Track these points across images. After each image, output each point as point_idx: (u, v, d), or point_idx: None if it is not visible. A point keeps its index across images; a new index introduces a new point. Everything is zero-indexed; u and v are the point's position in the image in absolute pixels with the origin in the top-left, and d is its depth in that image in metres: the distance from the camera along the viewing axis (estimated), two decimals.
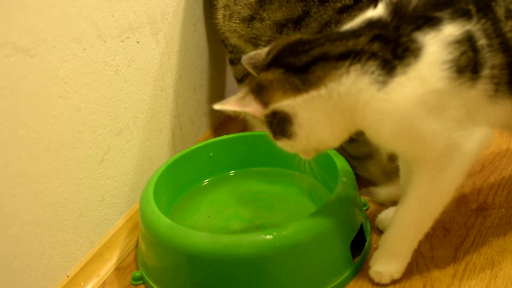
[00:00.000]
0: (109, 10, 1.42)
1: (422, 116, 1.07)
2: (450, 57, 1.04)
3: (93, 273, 1.46)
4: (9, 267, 1.21)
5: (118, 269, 1.50)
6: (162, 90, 1.74)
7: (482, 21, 1.07)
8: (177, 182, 1.62)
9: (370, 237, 1.45)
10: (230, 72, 2.10)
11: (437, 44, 1.05)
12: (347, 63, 1.08)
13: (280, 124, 1.16)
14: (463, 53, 1.05)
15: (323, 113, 1.13)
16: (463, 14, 1.07)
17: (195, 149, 1.66)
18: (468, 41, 1.05)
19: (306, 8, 1.50)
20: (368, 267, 1.33)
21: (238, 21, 1.64)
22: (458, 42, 1.05)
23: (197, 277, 1.28)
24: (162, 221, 1.33)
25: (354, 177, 1.43)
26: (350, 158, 1.55)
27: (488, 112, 1.11)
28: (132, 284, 1.43)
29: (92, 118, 1.41)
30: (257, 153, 1.70)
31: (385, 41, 1.07)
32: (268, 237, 1.22)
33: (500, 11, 1.07)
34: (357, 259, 1.36)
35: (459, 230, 1.45)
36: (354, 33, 1.11)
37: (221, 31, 1.77)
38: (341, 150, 1.50)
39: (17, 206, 1.21)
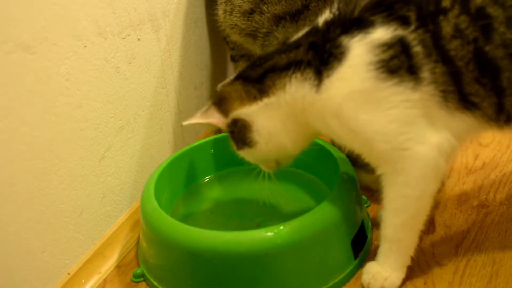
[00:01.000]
0: (109, 7, 1.42)
1: (353, 114, 1.11)
2: (377, 58, 1.06)
3: (94, 271, 1.46)
4: (10, 264, 1.21)
5: (119, 266, 1.50)
6: (163, 87, 1.74)
7: (420, 31, 1.05)
8: (178, 179, 1.62)
9: (371, 234, 1.45)
10: (231, 69, 2.10)
11: (363, 47, 1.07)
12: (289, 73, 1.17)
13: (241, 132, 1.25)
14: (393, 56, 1.06)
15: (278, 119, 1.21)
16: (398, 19, 1.06)
17: (196, 146, 1.66)
18: (400, 45, 1.06)
19: (306, 2, 1.52)
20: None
21: (238, 15, 1.66)
22: (387, 45, 1.06)
23: (198, 274, 1.29)
24: (163, 218, 1.33)
25: (354, 174, 1.43)
26: None
27: (448, 121, 1.10)
28: (133, 282, 1.43)
29: (93, 115, 1.41)
30: None
31: (316, 49, 1.14)
32: (269, 234, 1.22)
33: (447, 28, 1.04)
34: (358, 256, 1.35)
35: (460, 227, 1.45)
36: (296, 44, 1.19)
37: (222, 27, 1.78)
38: None
39: (18, 203, 1.21)
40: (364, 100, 1.09)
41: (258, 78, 1.22)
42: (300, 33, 1.21)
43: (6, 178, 1.17)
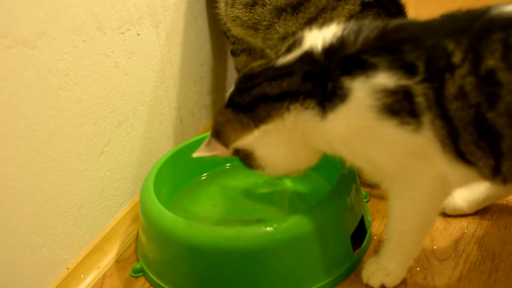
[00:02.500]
0: (109, 2, 1.42)
1: (359, 144, 1.12)
2: (378, 103, 1.04)
3: (93, 265, 1.46)
4: (10, 259, 1.22)
5: (118, 261, 1.50)
6: (162, 82, 1.73)
7: (425, 85, 1.01)
8: (178, 174, 1.61)
9: (371, 229, 1.45)
10: (231, 64, 2.10)
11: (365, 91, 1.04)
12: (285, 104, 1.15)
13: (246, 159, 1.25)
14: (396, 101, 1.03)
15: (280, 145, 1.21)
16: (404, 67, 1.02)
17: (196, 141, 1.65)
18: (403, 93, 1.03)
19: None
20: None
21: (240, 7, 1.66)
22: (390, 91, 1.03)
23: (197, 269, 1.29)
24: (163, 213, 1.33)
25: (354, 169, 1.42)
26: None
27: (447, 167, 1.08)
28: (132, 276, 1.43)
29: (93, 110, 1.41)
30: None
31: (315, 81, 1.11)
32: (269, 229, 1.22)
33: (451, 88, 0.99)
34: (358, 251, 1.36)
35: (460, 222, 1.45)
36: (288, 70, 1.15)
37: (223, 21, 1.78)
38: None
39: (17, 198, 1.21)
40: (369, 134, 1.09)
41: (248, 105, 1.19)
42: (289, 56, 1.17)
43: (5, 173, 1.17)
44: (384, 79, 1.03)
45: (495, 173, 1.05)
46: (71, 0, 1.29)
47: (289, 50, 1.18)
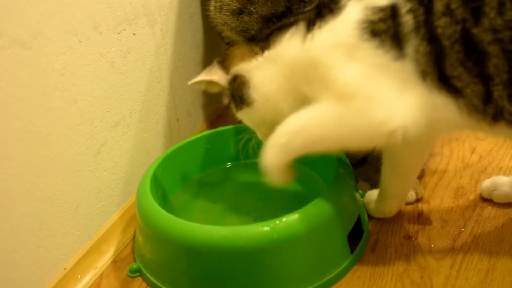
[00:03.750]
0: (105, 2, 1.42)
1: (330, 63, 1.13)
2: (365, 18, 1.09)
3: (90, 266, 1.46)
4: (6, 260, 1.21)
5: (115, 261, 1.50)
6: (158, 82, 1.73)
7: (415, 2, 1.06)
8: (174, 174, 1.62)
9: (368, 227, 1.45)
10: None
11: (357, 7, 1.11)
12: (291, 29, 1.22)
13: (239, 89, 1.29)
14: (381, 19, 1.08)
15: (273, 79, 1.25)
16: None
17: (192, 141, 1.66)
18: (391, 10, 1.07)
19: (289, 3, 1.52)
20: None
21: (228, 13, 1.65)
22: (379, 8, 1.08)
23: (194, 269, 1.29)
24: (159, 213, 1.33)
25: (351, 168, 1.43)
26: None
27: (424, 99, 1.09)
28: (129, 277, 1.43)
29: (89, 110, 1.41)
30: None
31: (319, 7, 1.20)
32: (266, 228, 1.22)
33: (439, 5, 1.03)
34: (355, 250, 1.36)
35: (457, 221, 1.45)
36: (307, 10, 1.26)
37: (214, 23, 1.77)
38: None
39: (13, 199, 1.21)
40: (344, 53, 1.12)
41: (264, 37, 1.28)
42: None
43: (2, 174, 1.17)
44: None
45: (486, 101, 1.05)
46: (66, 0, 1.29)
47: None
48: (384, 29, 1.07)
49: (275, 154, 1.23)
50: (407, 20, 1.06)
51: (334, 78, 1.13)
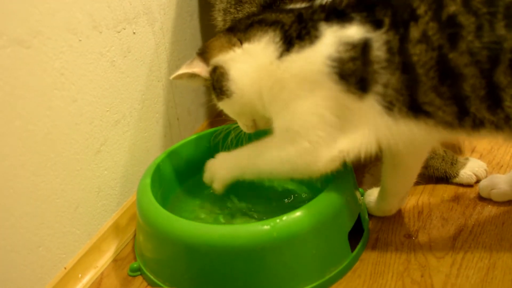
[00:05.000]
0: (104, 1, 1.42)
1: (295, 92, 1.18)
2: (337, 55, 1.12)
3: (90, 265, 1.46)
4: (6, 259, 1.21)
5: (115, 260, 1.50)
6: (158, 81, 1.73)
7: (390, 33, 1.08)
8: (175, 173, 1.61)
9: (368, 226, 1.44)
10: None
11: (332, 39, 1.13)
12: (271, 29, 1.24)
13: (219, 81, 1.30)
14: (350, 59, 1.11)
15: (248, 74, 1.27)
16: (374, 22, 1.11)
17: (192, 139, 1.65)
18: (362, 48, 1.10)
19: None
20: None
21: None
22: (352, 44, 1.11)
23: (194, 268, 1.29)
24: (159, 212, 1.33)
25: (351, 167, 1.42)
26: None
27: (385, 127, 1.14)
28: (130, 276, 1.43)
29: (88, 109, 1.41)
30: None
31: (300, 21, 1.21)
32: (266, 227, 1.22)
33: (415, 33, 1.06)
34: (355, 249, 1.35)
35: (457, 219, 1.45)
36: (289, 11, 1.26)
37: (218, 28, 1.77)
38: None
39: (14, 198, 1.21)
40: (309, 88, 1.16)
41: (243, 28, 1.30)
42: (297, 5, 1.28)
43: (2, 173, 1.17)
44: (354, 31, 1.12)
45: (460, 118, 1.09)
46: None
47: None
48: (353, 70, 1.11)
49: (230, 172, 1.38)
50: (379, 55, 1.09)
51: (294, 110, 1.19)
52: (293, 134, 1.20)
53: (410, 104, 1.09)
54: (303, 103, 1.17)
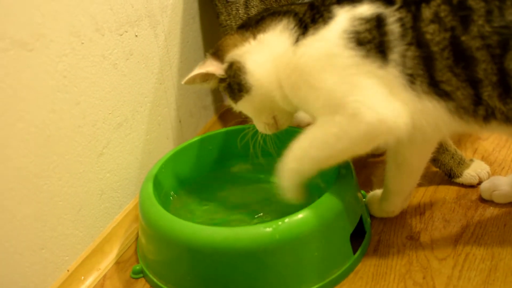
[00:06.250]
0: (107, 4, 1.42)
1: (315, 72, 1.18)
2: (351, 28, 1.13)
3: (93, 267, 1.46)
4: (9, 261, 1.22)
5: (118, 262, 1.50)
6: (161, 83, 1.73)
7: (402, 10, 1.09)
8: (177, 175, 1.61)
9: (370, 228, 1.45)
10: None
11: (345, 17, 1.15)
12: (285, 17, 1.26)
13: (236, 76, 1.30)
14: (366, 30, 1.12)
15: (264, 64, 1.27)
16: (385, 0, 1.13)
17: (195, 142, 1.66)
18: (376, 21, 1.11)
19: None
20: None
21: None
22: (365, 19, 1.12)
23: (197, 270, 1.29)
24: (162, 214, 1.33)
25: (353, 168, 1.43)
26: None
27: (413, 103, 1.13)
28: (133, 278, 1.43)
29: (91, 112, 1.41)
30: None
31: (312, 8, 1.23)
32: (268, 229, 1.22)
33: (427, 13, 1.08)
34: (357, 251, 1.36)
35: (459, 221, 1.45)
36: (302, 3, 1.28)
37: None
38: None
39: (16, 200, 1.21)
40: (329, 63, 1.16)
41: (255, 23, 1.31)
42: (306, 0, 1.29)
43: (4, 175, 1.17)
44: (365, 8, 1.13)
45: (476, 103, 1.10)
46: (68, 2, 1.29)
47: None
48: (369, 39, 1.11)
49: (288, 177, 1.29)
50: (393, 29, 1.10)
51: (321, 86, 1.17)
52: (333, 108, 1.17)
53: (429, 80, 1.10)
54: (327, 78, 1.16)
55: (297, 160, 1.27)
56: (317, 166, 1.27)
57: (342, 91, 1.15)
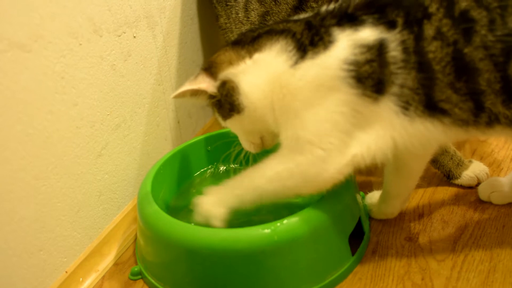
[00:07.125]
0: (105, 5, 1.42)
1: (310, 101, 1.16)
2: (353, 58, 1.11)
3: (91, 269, 1.46)
4: (8, 263, 1.21)
5: (116, 264, 1.50)
6: (159, 84, 1.73)
7: (404, 32, 1.08)
8: (175, 176, 1.61)
9: (369, 229, 1.45)
10: None
11: (348, 42, 1.12)
12: (281, 37, 1.21)
13: (229, 95, 1.26)
14: (367, 61, 1.10)
15: (259, 86, 1.23)
16: (387, 23, 1.11)
17: (193, 143, 1.66)
18: (378, 49, 1.10)
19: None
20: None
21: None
22: (367, 47, 1.10)
23: (195, 272, 1.29)
24: (160, 215, 1.33)
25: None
26: None
27: (401, 128, 1.13)
28: (131, 279, 1.43)
29: (89, 113, 1.41)
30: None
31: (310, 28, 1.19)
32: (266, 231, 1.22)
33: (429, 30, 1.07)
34: (356, 252, 1.35)
35: (458, 222, 1.45)
36: (296, 20, 1.24)
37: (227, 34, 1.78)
38: None
39: (15, 202, 1.21)
40: (324, 95, 1.14)
41: (250, 41, 1.26)
42: (302, 16, 1.26)
43: (2, 177, 1.17)
44: (368, 33, 1.11)
45: (476, 114, 1.09)
46: (67, 3, 1.29)
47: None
48: (370, 73, 1.10)
49: (227, 203, 1.28)
50: (395, 55, 1.09)
51: (306, 118, 1.17)
52: (304, 142, 1.17)
53: (426, 102, 1.10)
54: (316, 111, 1.15)
55: (243, 188, 1.27)
56: (258, 199, 1.26)
57: (324, 128, 1.15)
